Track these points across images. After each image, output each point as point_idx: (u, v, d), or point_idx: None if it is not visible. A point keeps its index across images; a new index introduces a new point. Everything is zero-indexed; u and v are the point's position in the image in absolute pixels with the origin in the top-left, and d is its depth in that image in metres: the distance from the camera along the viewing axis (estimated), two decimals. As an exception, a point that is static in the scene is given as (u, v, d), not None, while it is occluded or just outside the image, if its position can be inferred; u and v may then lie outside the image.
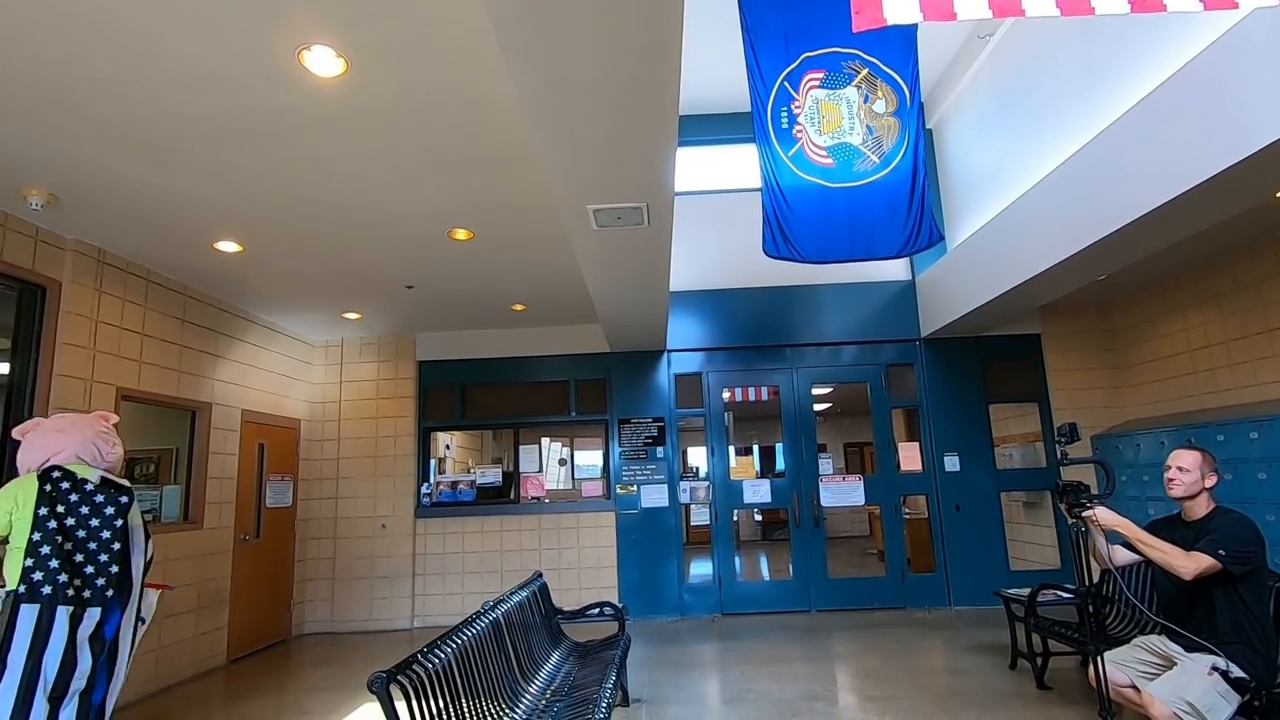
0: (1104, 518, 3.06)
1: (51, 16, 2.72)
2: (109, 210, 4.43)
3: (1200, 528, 3.03)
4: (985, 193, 6.80)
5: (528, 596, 4.29)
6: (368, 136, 3.69)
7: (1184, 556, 2.90)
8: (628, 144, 3.20)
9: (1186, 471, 3.06)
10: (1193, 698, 2.77)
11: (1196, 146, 3.71)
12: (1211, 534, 2.94)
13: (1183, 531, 3.10)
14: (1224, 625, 2.92)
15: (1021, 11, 2.22)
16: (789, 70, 5.04)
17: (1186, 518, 3.13)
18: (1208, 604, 2.99)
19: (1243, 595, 2.91)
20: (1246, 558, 2.87)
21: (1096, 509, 3.06)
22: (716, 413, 7.81)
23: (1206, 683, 2.80)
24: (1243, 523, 2.96)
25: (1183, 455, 3.11)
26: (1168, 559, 2.92)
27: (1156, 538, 3.00)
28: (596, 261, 4.79)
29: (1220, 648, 2.89)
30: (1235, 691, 2.79)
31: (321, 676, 5.79)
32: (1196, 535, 3.01)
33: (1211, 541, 2.90)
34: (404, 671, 2.49)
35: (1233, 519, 2.98)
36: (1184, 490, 3.07)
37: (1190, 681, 2.82)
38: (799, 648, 5.95)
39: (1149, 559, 3.00)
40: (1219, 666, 2.84)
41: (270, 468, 7.00)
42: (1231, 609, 2.93)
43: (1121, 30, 4.69)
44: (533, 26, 2.35)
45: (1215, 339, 6.31)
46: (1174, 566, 2.90)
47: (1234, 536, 2.90)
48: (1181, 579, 2.90)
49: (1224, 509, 3.06)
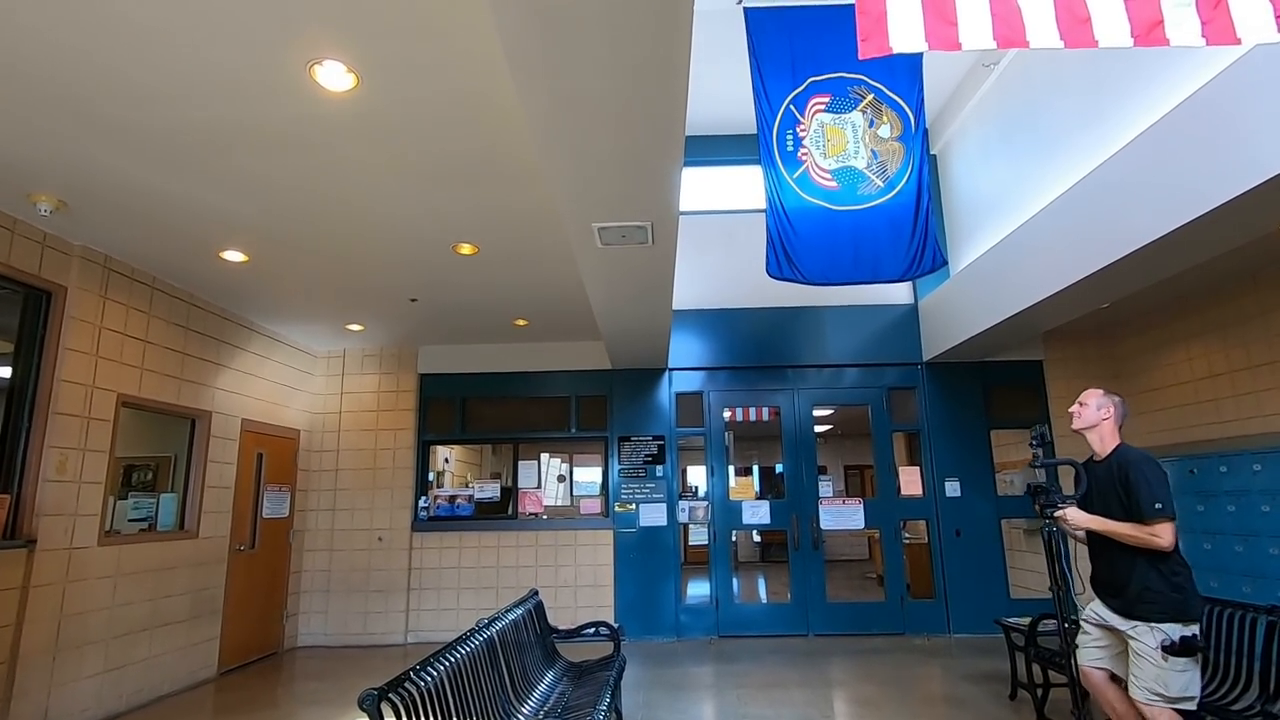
0: (1075, 518, 3.14)
1: (67, 24, 2.76)
2: (117, 217, 4.46)
3: (1117, 470, 3.10)
4: (989, 218, 6.83)
5: (523, 614, 4.25)
6: (376, 150, 3.72)
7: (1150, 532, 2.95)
8: (634, 162, 3.22)
9: (1085, 405, 3.26)
10: (1165, 690, 2.86)
11: (1201, 176, 3.72)
12: (1138, 490, 2.99)
13: (1098, 470, 3.23)
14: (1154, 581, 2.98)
15: (1026, 43, 2.24)
16: (795, 94, 5.09)
17: (1097, 455, 3.25)
18: (1127, 563, 3.06)
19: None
20: (1168, 494, 2.98)
21: (1067, 510, 3.15)
22: (717, 432, 7.78)
23: (1165, 668, 2.88)
24: (1155, 467, 3.04)
25: (1086, 393, 3.31)
26: (1145, 539, 2.97)
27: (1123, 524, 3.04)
28: (600, 278, 4.80)
29: (1144, 605, 2.97)
30: (1187, 655, 2.87)
31: (313, 691, 5.73)
32: (1115, 476, 3.09)
33: (1150, 503, 2.95)
34: (396, 689, 2.45)
35: (1147, 470, 3.03)
36: (1083, 423, 3.26)
37: (1156, 675, 2.89)
38: (796, 672, 5.88)
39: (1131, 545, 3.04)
40: (1164, 643, 2.90)
41: (268, 477, 6.97)
42: (1133, 561, 3.03)
43: (1126, 60, 4.73)
44: (542, 45, 2.38)
45: (1219, 369, 6.29)
46: (1154, 544, 2.95)
47: (1158, 485, 2.98)
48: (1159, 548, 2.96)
49: (1128, 449, 3.17)
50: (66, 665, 4.61)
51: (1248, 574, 5.46)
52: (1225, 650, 3.69)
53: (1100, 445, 3.26)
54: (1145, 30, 2.25)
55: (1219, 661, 3.71)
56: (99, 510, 4.89)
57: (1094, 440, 3.27)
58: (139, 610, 5.25)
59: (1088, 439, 3.29)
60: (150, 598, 5.35)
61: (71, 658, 4.65)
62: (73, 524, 4.67)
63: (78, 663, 4.70)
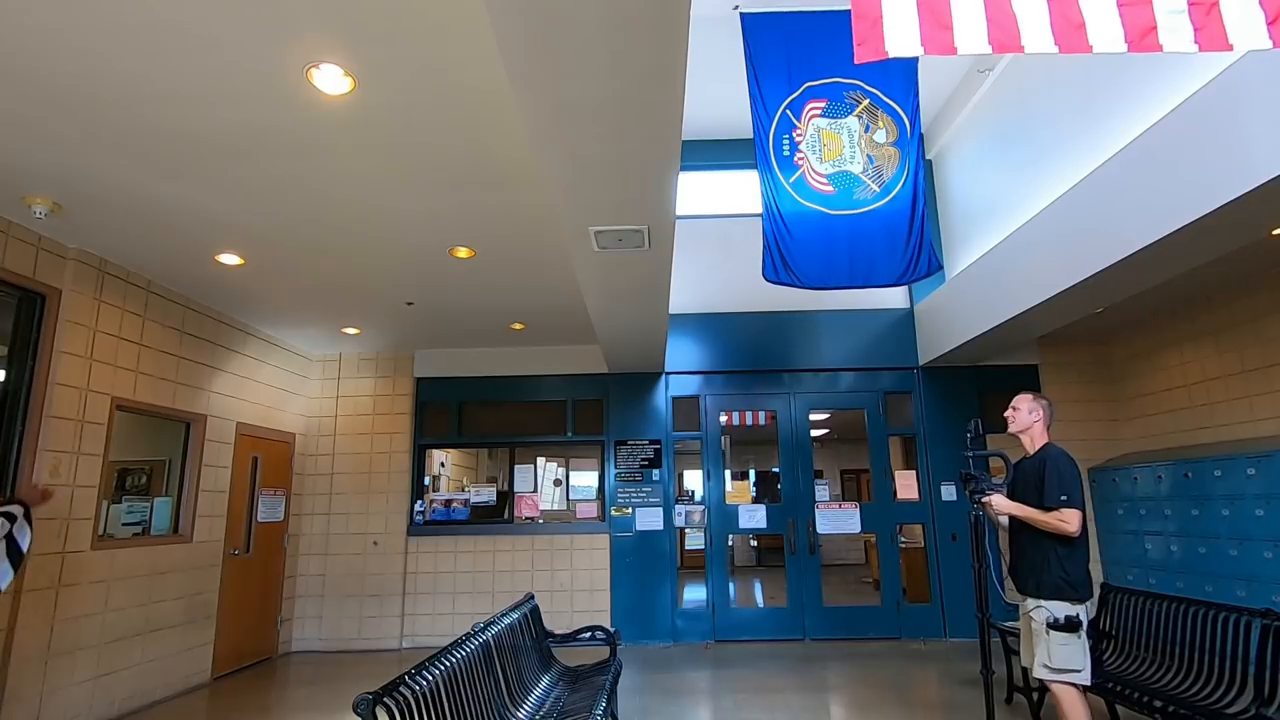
0: (999, 504, 3.44)
1: (63, 26, 2.75)
2: (113, 220, 4.45)
3: (1039, 465, 3.44)
4: (984, 223, 6.85)
5: (519, 619, 4.24)
6: (373, 154, 3.72)
7: (1058, 517, 3.28)
8: (630, 167, 3.23)
9: (1018, 410, 3.61)
10: (1050, 661, 3.21)
11: (1195, 182, 3.74)
12: (1049, 481, 3.34)
13: (1025, 465, 3.56)
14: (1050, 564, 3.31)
15: (1021, 47, 2.25)
16: (791, 99, 5.11)
17: (1028, 453, 3.58)
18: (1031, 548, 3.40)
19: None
20: (1077, 488, 3.32)
21: (993, 496, 3.43)
22: (713, 436, 7.78)
23: (1049, 642, 3.22)
24: (1069, 464, 3.37)
25: (1019, 399, 3.65)
26: (1054, 524, 3.29)
27: (1039, 511, 3.35)
28: (597, 283, 4.80)
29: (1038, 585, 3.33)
30: (1069, 631, 3.19)
31: (307, 696, 5.70)
32: (1037, 470, 3.43)
33: (1057, 493, 3.30)
34: (391, 693, 2.44)
35: (1062, 465, 3.37)
36: (1017, 426, 3.60)
37: (1043, 648, 3.24)
38: (792, 677, 5.87)
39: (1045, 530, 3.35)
40: (1048, 619, 3.24)
41: (263, 481, 6.94)
42: (1037, 546, 3.37)
43: (1121, 66, 4.76)
44: (539, 49, 2.38)
45: (1212, 374, 6.32)
46: (1062, 529, 3.27)
47: (1068, 478, 3.32)
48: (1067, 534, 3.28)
49: (1052, 447, 3.48)
50: (59, 670, 4.57)
51: (1242, 578, 5.48)
52: (1220, 654, 3.70)
53: (1030, 444, 3.59)
54: (1139, 36, 2.26)
55: (1213, 665, 3.72)
56: (92, 514, 4.86)
57: (1026, 441, 3.60)
58: (132, 615, 5.21)
59: (1021, 440, 3.62)
60: (144, 602, 5.32)
61: (64, 663, 4.61)
62: (65, 528, 4.65)
63: (70, 668, 4.66)
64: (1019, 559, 3.50)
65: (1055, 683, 3.22)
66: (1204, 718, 3.31)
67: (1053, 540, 3.32)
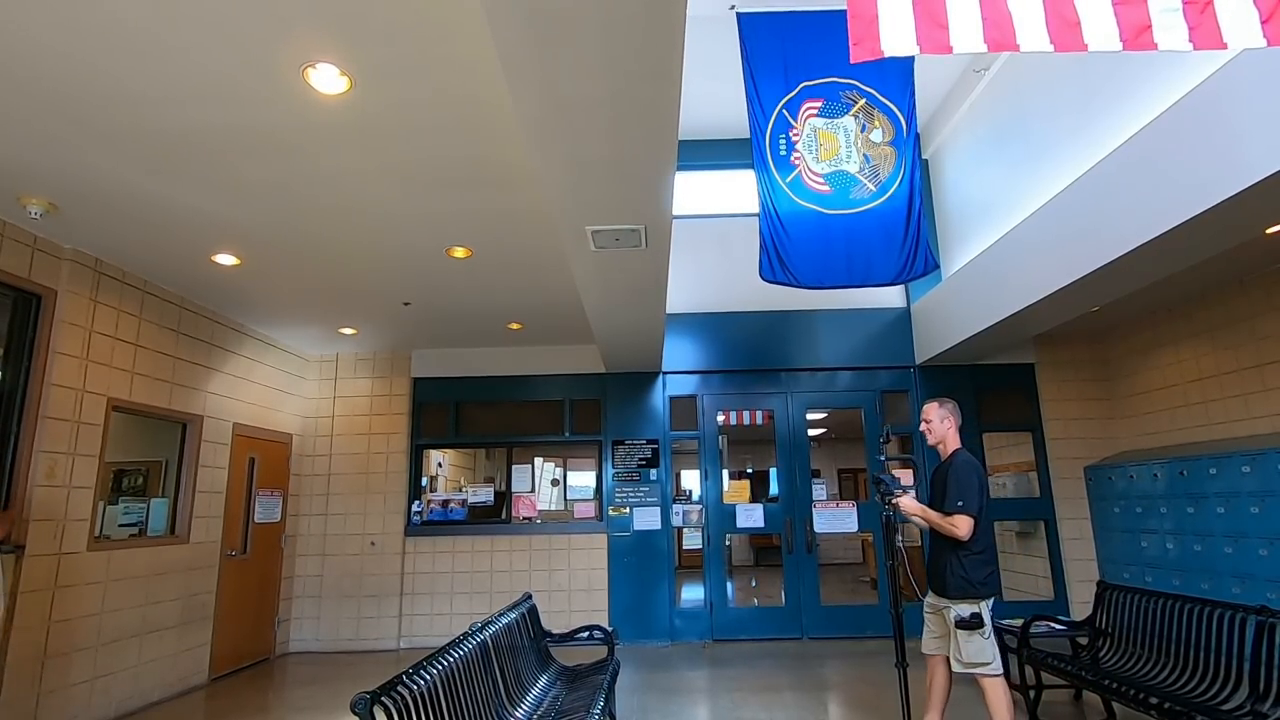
0: (906, 506, 3.69)
1: (59, 26, 2.75)
2: (109, 220, 4.44)
3: (946, 471, 3.71)
4: (980, 223, 6.87)
5: (517, 618, 4.23)
6: (369, 153, 3.72)
7: (950, 522, 3.55)
8: (627, 166, 3.23)
9: (931, 422, 3.84)
10: (961, 656, 3.50)
11: (1189, 180, 3.76)
12: (950, 488, 3.61)
13: (941, 467, 3.79)
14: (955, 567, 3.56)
15: (1016, 46, 2.26)
16: (788, 98, 5.11)
17: (942, 459, 3.82)
18: (942, 552, 3.66)
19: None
20: (972, 496, 3.55)
21: (901, 498, 3.68)
22: (711, 436, 7.79)
23: (959, 639, 3.50)
24: (969, 473, 3.61)
25: (927, 410, 3.87)
26: (946, 527, 3.56)
27: (939, 515, 3.62)
28: (594, 282, 4.80)
29: (948, 587, 3.58)
30: (974, 628, 3.46)
31: (304, 696, 5.69)
32: (945, 473, 3.70)
33: (954, 499, 3.56)
34: (389, 693, 2.44)
35: (962, 473, 3.61)
36: (935, 438, 3.85)
37: (956, 644, 3.53)
38: (790, 675, 5.87)
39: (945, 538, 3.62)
40: (956, 618, 3.51)
41: (260, 482, 6.93)
42: (943, 549, 3.62)
43: (1116, 65, 4.77)
44: (535, 47, 2.38)
45: (1208, 372, 6.34)
46: (953, 533, 3.53)
47: (966, 486, 3.56)
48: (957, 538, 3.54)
49: (960, 453, 3.74)
50: (55, 672, 4.56)
51: (1237, 575, 5.50)
52: (1215, 651, 3.71)
53: (944, 451, 3.82)
54: (1134, 35, 2.27)
55: (1209, 662, 3.74)
56: (89, 515, 4.85)
57: (941, 449, 3.83)
58: (129, 616, 5.20)
59: (937, 449, 3.85)
60: (140, 604, 5.31)
61: (60, 664, 4.60)
62: (62, 529, 4.64)
63: (66, 669, 4.65)
64: (931, 560, 3.77)
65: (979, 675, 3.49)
66: (1200, 714, 3.32)
67: (954, 543, 3.56)
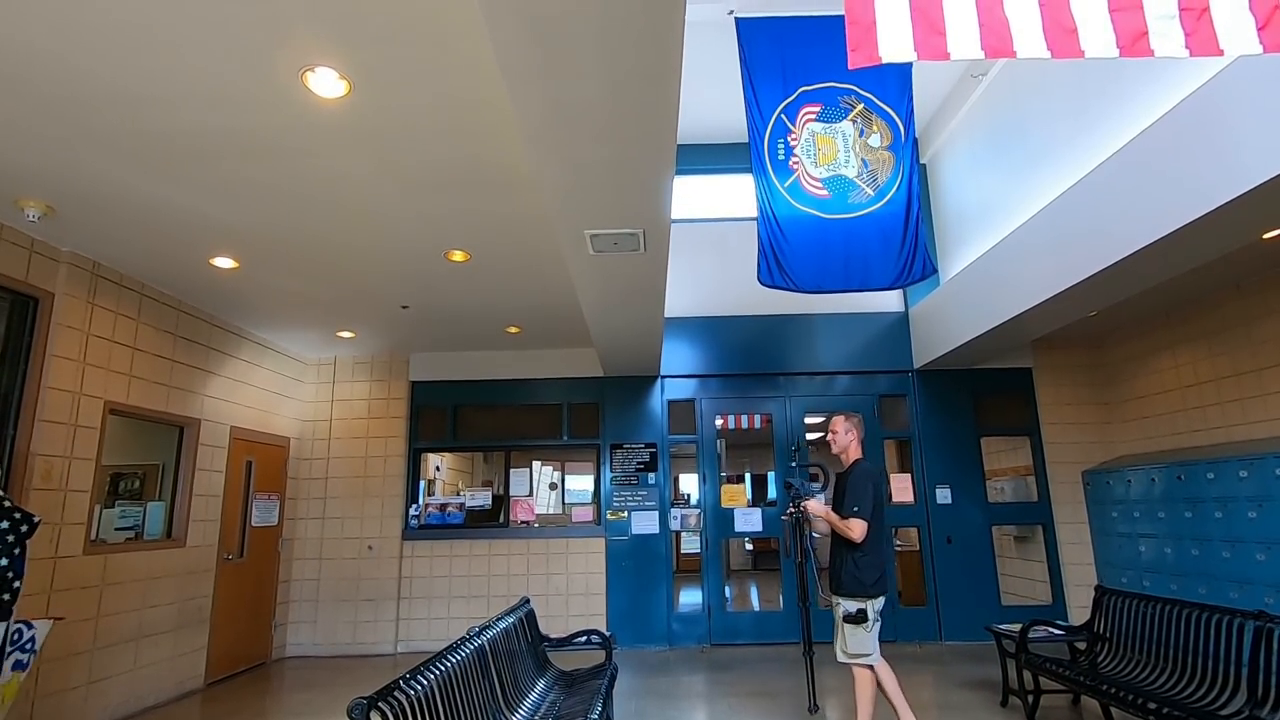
0: (813, 507, 4.05)
1: (58, 28, 2.75)
2: (106, 223, 4.44)
3: (846, 477, 3.99)
4: (978, 227, 6.88)
5: (514, 623, 4.22)
6: (368, 157, 3.72)
7: (845, 525, 3.82)
8: (626, 170, 3.23)
9: (836, 433, 4.09)
10: (846, 648, 3.86)
11: (1186, 185, 3.77)
12: (846, 494, 3.90)
13: (843, 474, 4.05)
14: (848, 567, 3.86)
15: (1013, 53, 2.26)
16: (786, 103, 5.13)
17: (844, 465, 4.08)
18: (838, 552, 3.96)
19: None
20: (866, 502, 3.81)
21: (809, 501, 4.06)
22: (709, 439, 7.78)
23: (844, 631, 3.85)
24: (865, 480, 3.87)
25: (835, 423, 4.12)
26: (842, 529, 3.85)
27: (835, 516, 3.92)
28: (592, 286, 4.81)
29: (840, 584, 3.89)
30: (858, 623, 3.78)
31: (301, 701, 5.67)
32: (844, 481, 3.99)
33: (850, 505, 3.85)
34: (385, 698, 2.43)
35: (858, 480, 3.88)
36: (839, 448, 4.10)
37: (840, 638, 3.88)
38: (788, 680, 5.86)
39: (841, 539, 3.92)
40: (844, 614, 3.83)
41: (257, 486, 6.92)
42: (840, 550, 3.93)
43: (1114, 70, 4.79)
44: (534, 52, 2.39)
45: (1205, 377, 6.35)
46: (848, 534, 3.82)
47: (861, 493, 3.83)
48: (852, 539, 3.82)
49: (860, 463, 3.99)
50: (50, 676, 4.54)
51: (1234, 580, 5.50)
52: (1213, 656, 3.71)
53: (846, 460, 4.07)
54: (1130, 41, 2.28)
55: (1206, 667, 3.73)
56: (85, 519, 4.83)
57: (843, 457, 4.08)
58: (125, 620, 5.18)
59: (840, 458, 4.11)
60: (136, 607, 5.29)
61: (55, 669, 4.58)
62: (58, 533, 4.62)
63: (62, 674, 4.63)
64: (831, 559, 4.02)
65: (852, 665, 3.86)
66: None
67: (850, 545, 3.84)
